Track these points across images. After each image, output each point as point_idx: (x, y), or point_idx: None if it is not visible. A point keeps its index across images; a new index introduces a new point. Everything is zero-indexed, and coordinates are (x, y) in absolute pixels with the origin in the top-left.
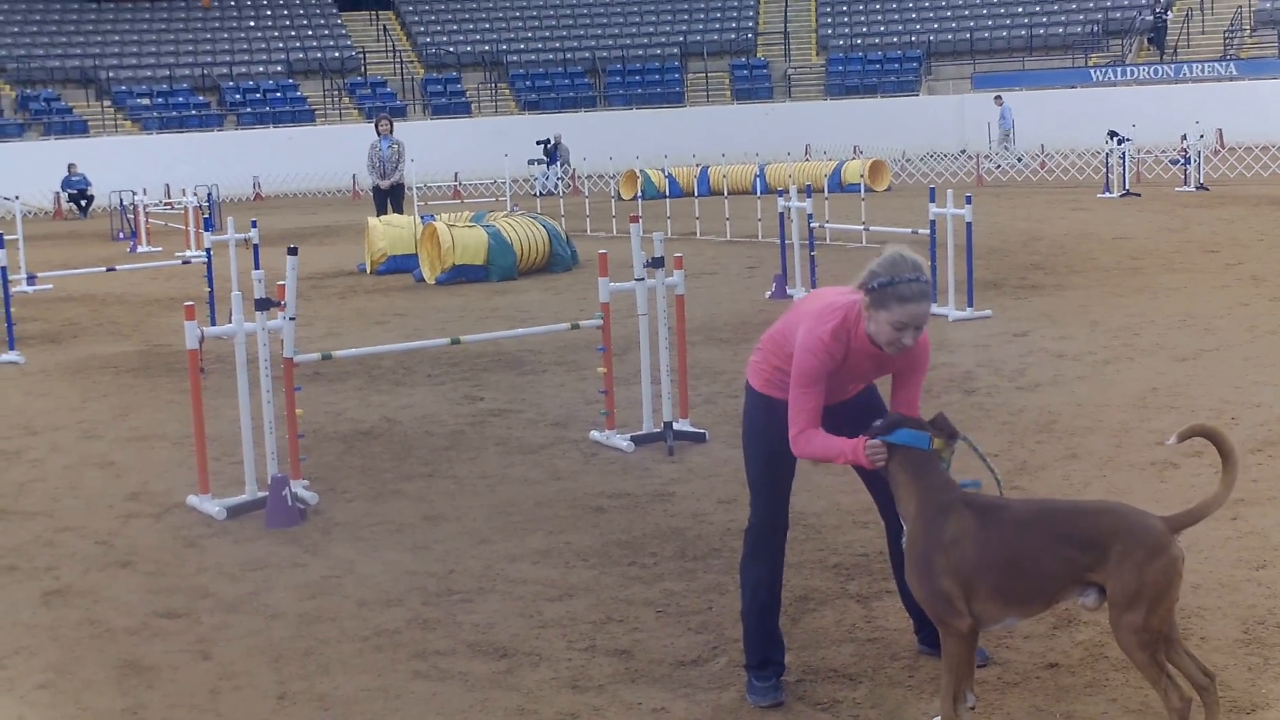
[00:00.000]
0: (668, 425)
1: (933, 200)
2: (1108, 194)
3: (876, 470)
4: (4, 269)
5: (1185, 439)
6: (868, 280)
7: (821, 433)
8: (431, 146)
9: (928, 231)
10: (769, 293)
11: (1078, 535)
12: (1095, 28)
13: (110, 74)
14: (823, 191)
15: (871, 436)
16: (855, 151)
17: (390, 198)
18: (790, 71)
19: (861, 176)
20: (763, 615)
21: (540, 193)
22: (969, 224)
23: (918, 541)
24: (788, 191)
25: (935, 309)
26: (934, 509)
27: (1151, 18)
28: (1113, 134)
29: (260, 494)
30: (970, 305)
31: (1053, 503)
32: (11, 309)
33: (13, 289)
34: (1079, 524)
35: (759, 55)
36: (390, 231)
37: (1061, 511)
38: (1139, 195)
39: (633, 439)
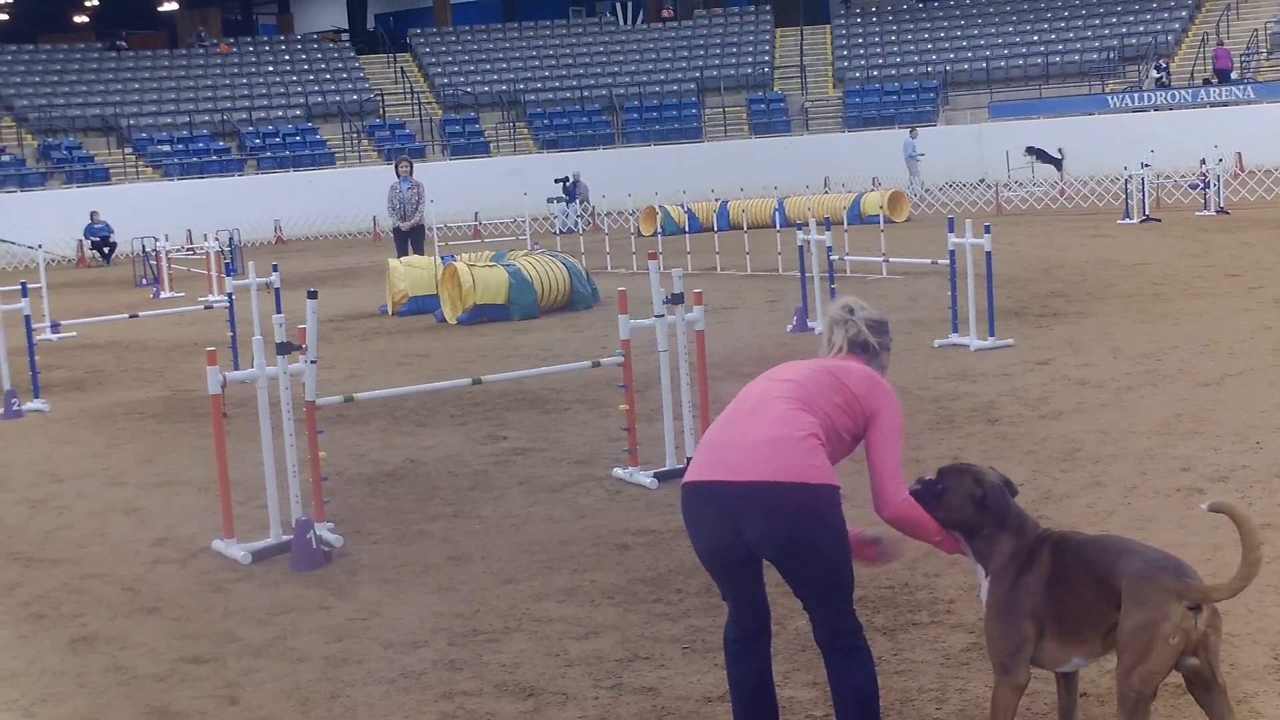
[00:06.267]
0: (689, 461)
1: (952, 230)
2: (1128, 220)
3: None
4: (28, 317)
5: (1215, 512)
6: (888, 340)
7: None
8: (451, 187)
9: (947, 261)
10: (790, 326)
11: (1105, 574)
12: (1111, 54)
13: (130, 121)
14: (842, 224)
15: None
16: (874, 183)
17: (411, 239)
18: (807, 104)
19: (880, 208)
20: None
21: (560, 231)
22: (989, 253)
23: (1005, 586)
24: (807, 224)
25: (957, 339)
26: (1026, 550)
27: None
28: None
29: (285, 537)
30: (992, 334)
31: (1101, 539)
32: (36, 357)
33: (37, 337)
34: (1110, 563)
35: (776, 89)
36: (411, 273)
37: (1103, 546)
38: (1159, 221)
39: (656, 475)
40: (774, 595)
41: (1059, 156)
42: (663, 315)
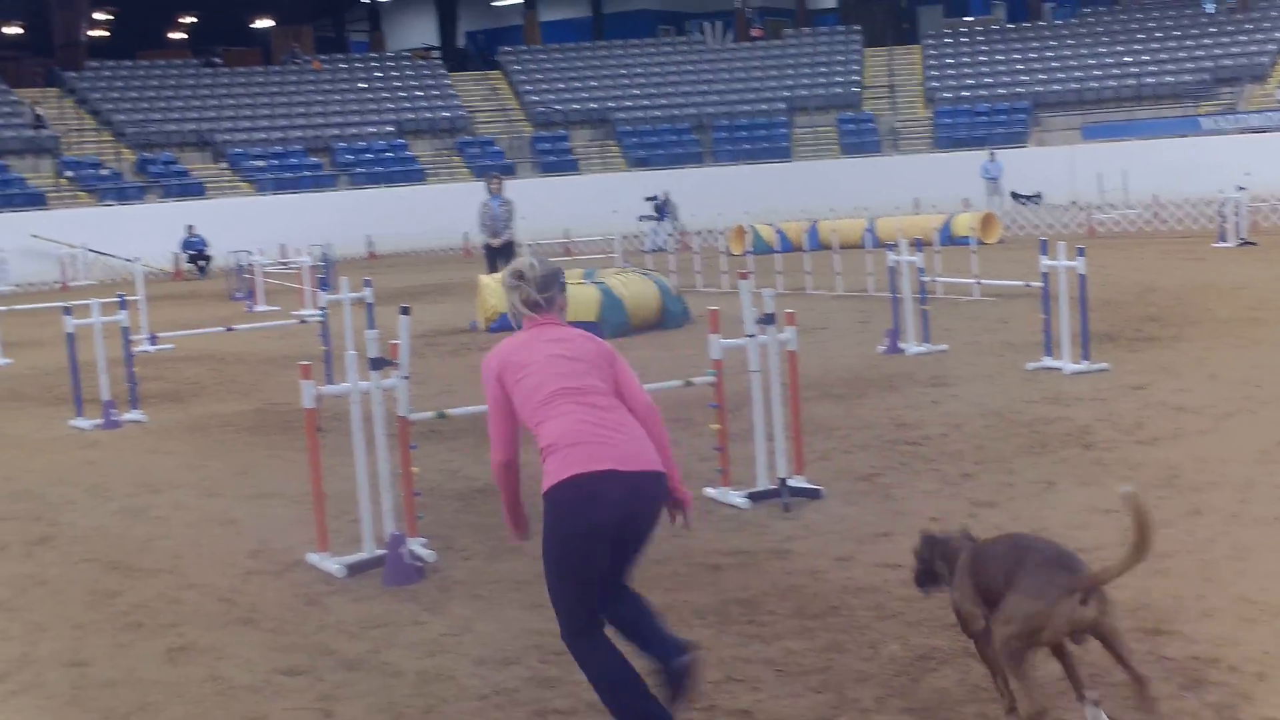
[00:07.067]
0: (783, 482)
1: (1044, 252)
2: (1223, 244)
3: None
4: (126, 329)
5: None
6: (560, 290)
7: None
8: (541, 204)
9: (1040, 284)
10: (882, 347)
11: (1013, 568)
12: (1206, 76)
13: (226, 137)
14: (933, 245)
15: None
16: (965, 204)
17: (502, 255)
18: (897, 125)
19: (972, 229)
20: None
21: (650, 249)
22: (1083, 276)
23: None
24: (898, 245)
25: (1050, 362)
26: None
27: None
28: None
29: (378, 552)
30: (1086, 358)
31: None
32: (134, 369)
33: (135, 349)
34: (1017, 560)
35: (865, 109)
36: (502, 289)
37: (1009, 547)
38: (1256, 244)
39: (749, 495)
40: (869, 618)
41: (1033, 196)
42: (755, 335)
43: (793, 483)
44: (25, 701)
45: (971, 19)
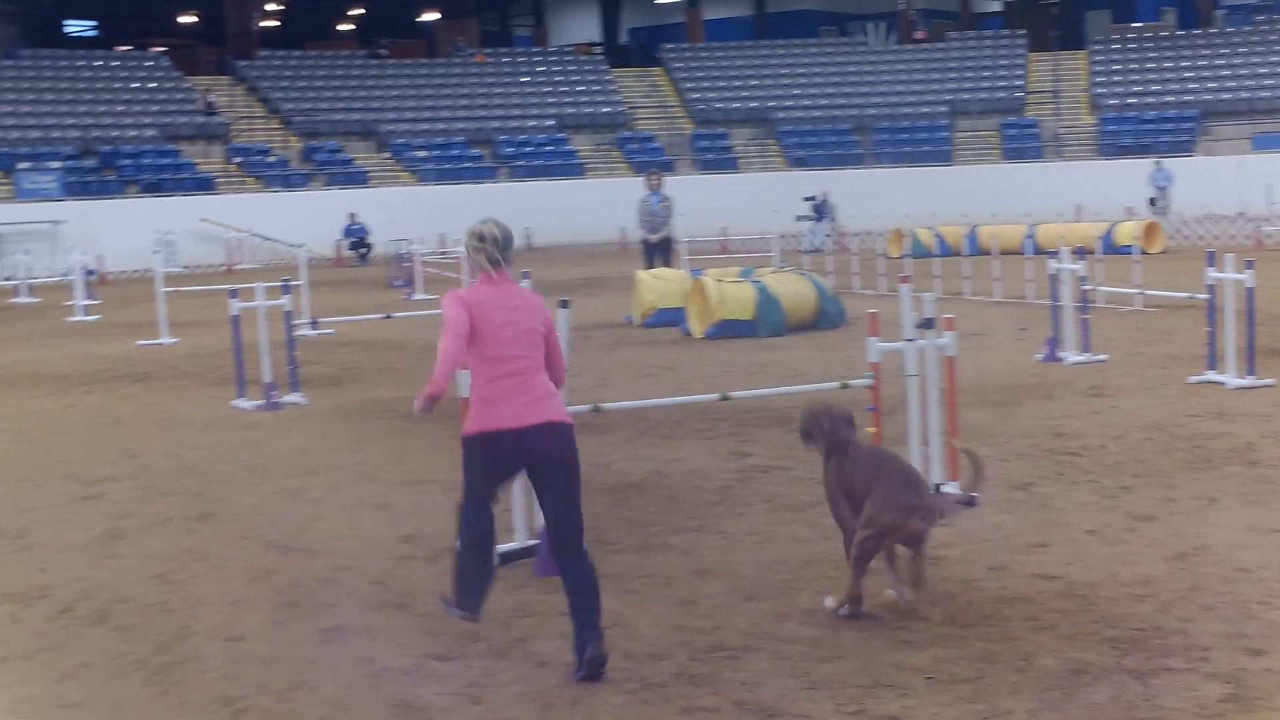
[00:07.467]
0: (937, 488)
1: (1211, 264)
2: None
3: None
4: (289, 313)
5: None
6: (511, 250)
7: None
8: (699, 201)
9: (1205, 296)
10: (1040, 355)
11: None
12: None
13: (390, 127)
14: (1095, 253)
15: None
16: (1128, 213)
17: (659, 251)
18: (1060, 130)
19: (1135, 238)
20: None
21: (807, 249)
22: (1250, 289)
23: (827, 476)
24: (1060, 253)
25: (1213, 376)
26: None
27: None
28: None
29: (530, 541)
30: (1251, 373)
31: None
32: (296, 352)
33: (297, 333)
34: (875, 476)
35: (1028, 114)
36: (659, 285)
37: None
38: None
39: None
40: (1022, 629)
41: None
42: (914, 339)
43: (947, 489)
44: (184, 673)
45: (1140, 25)
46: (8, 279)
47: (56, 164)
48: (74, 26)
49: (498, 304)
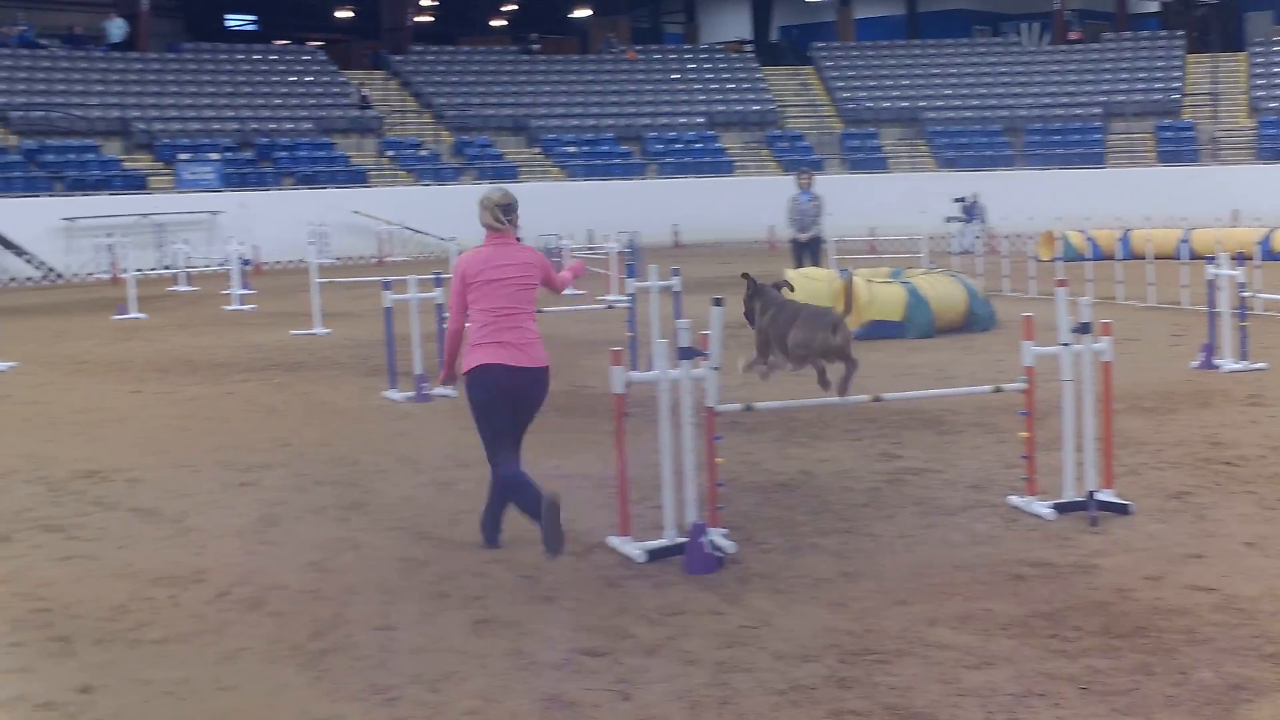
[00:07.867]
0: (1091, 495)
1: None
2: None
3: None
4: (440, 305)
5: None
6: (516, 214)
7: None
8: (848, 201)
9: None
10: (1195, 363)
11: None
12: None
13: (540, 123)
14: (1253, 259)
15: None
16: None
17: (808, 250)
18: (1218, 134)
19: None
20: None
21: (957, 251)
22: None
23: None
24: (1217, 258)
25: None
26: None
27: None
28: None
29: (679, 539)
30: None
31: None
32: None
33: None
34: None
35: (1184, 117)
36: (808, 284)
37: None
38: None
39: (1055, 506)
40: (1178, 641)
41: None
42: (1069, 344)
43: (1101, 496)
44: (337, 660)
45: None
46: (167, 268)
47: (215, 155)
48: (234, 21)
49: (493, 263)
